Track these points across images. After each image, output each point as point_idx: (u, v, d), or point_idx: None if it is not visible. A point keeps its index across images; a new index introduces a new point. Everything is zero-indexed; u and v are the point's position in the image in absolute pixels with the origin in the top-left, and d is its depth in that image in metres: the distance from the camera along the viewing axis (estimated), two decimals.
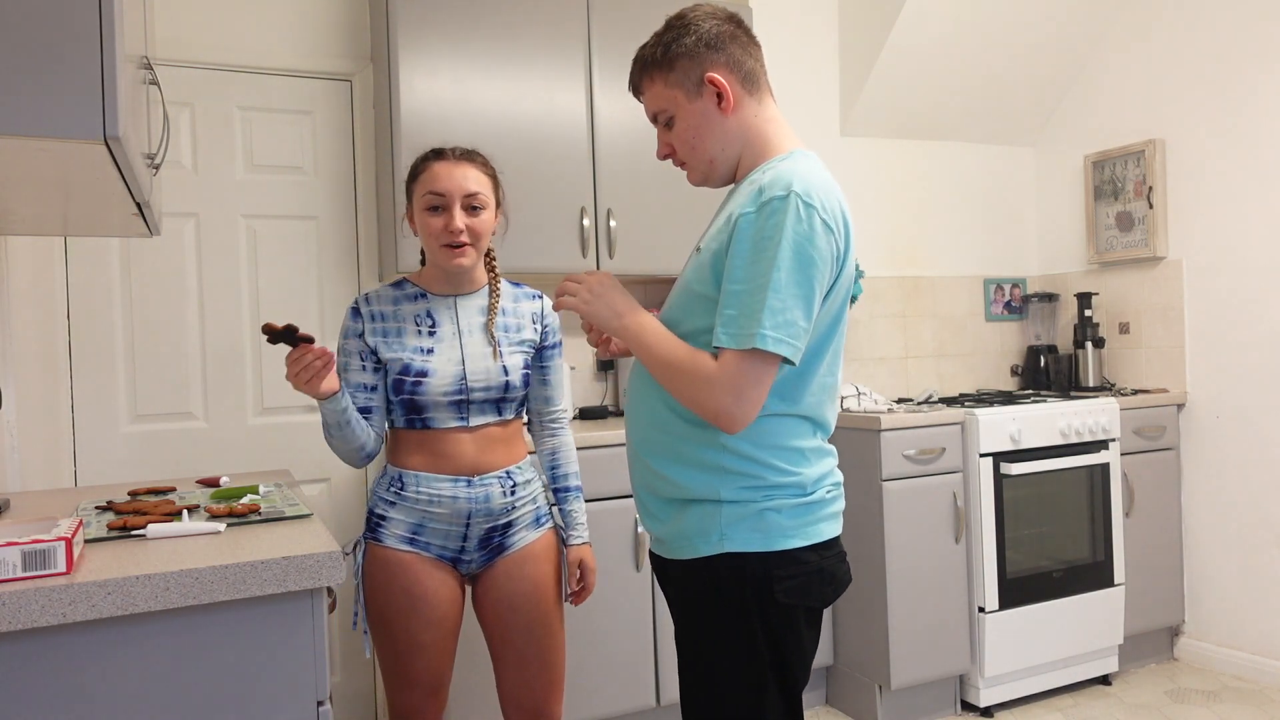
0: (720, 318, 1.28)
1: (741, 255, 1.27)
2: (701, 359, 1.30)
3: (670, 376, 1.32)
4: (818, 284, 1.28)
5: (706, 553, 1.34)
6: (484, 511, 1.76)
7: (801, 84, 3.53)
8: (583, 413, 3.09)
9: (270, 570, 1.12)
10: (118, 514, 1.45)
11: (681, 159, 1.44)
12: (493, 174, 1.83)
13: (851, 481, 2.90)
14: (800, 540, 1.34)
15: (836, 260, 1.32)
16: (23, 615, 1.01)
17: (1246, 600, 3.19)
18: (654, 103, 1.43)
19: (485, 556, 1.81)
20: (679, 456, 1.37)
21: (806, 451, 1.37)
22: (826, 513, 1.39)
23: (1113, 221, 3.60)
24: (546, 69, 2.81)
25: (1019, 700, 3.01)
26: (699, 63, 1.37)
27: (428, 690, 1.78)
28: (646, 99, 1.45)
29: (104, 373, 2.64)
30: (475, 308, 1.83)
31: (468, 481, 1.75)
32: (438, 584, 1.76)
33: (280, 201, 2.85)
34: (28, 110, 1.07)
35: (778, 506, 1.33)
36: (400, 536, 1.75)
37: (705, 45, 1.37)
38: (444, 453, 1.75)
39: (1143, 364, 3.54)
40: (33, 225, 1.82)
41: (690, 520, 1.36)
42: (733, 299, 1.27)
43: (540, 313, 1.91)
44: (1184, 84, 3.35)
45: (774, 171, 1.32)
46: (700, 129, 1.39)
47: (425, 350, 1.76)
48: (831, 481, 1.41)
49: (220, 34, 2.76)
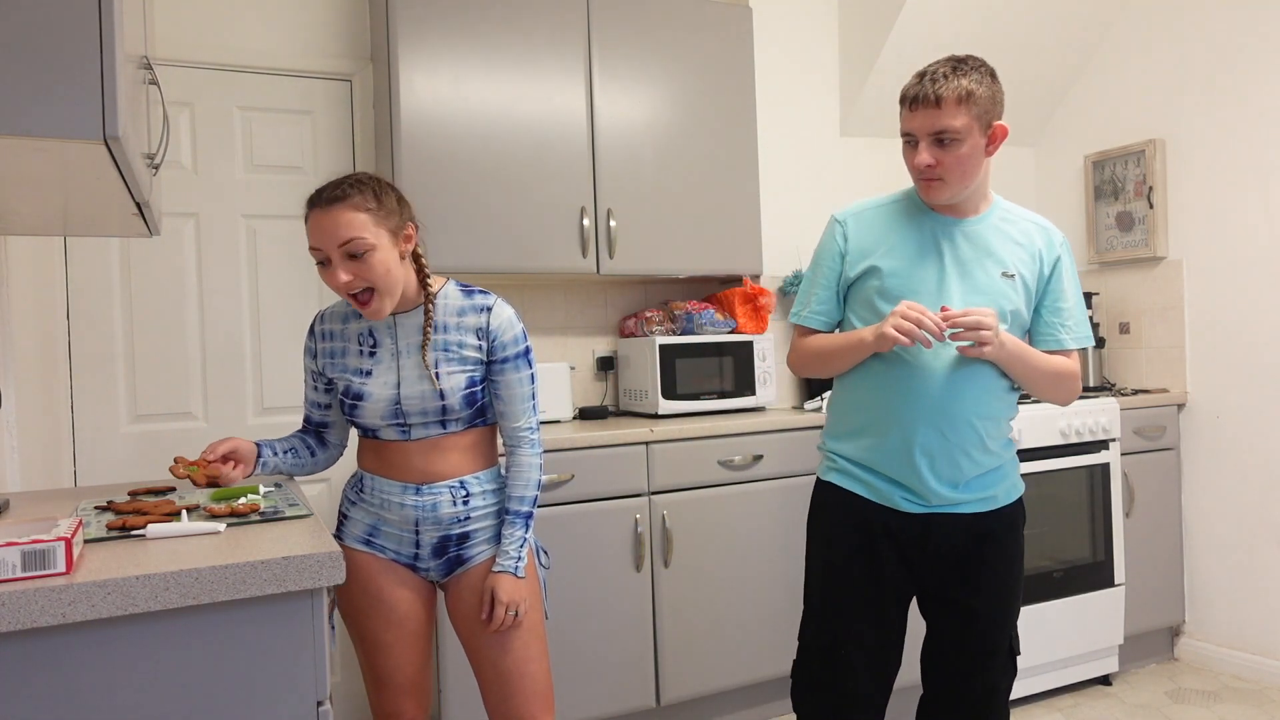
0: (1066, 329, 1.85)
1: (1073, 279, 1.88)
2: (1070, 364, 1.85)
3: (1056, 381, 1.83)
4: None
5: (1018, 496, 1.89)
6: (432, 520, 1.73)
7: (801, 84, 3.53)
8: (582, 413, 3.09)
9: (270, 570, 1.12)
10: (117, 514, 1.45)
11: (941, 174, 1.75)
12: (373, 202, 1.64)
13: None
14: None
15: None
16: (23, 615, 1.01)
17: (1246, 600, 3.19)
18: (950, 119, 1.70)
19: (443, 566, 1.76)
20: (1001, 437, 1.85)
21: None
22: None
23: (1113, 221, 3.60)
24: (546, 69, 2.81)
25: (1019, 700, 3.01)
26: (996, 112, 1.76)
27: (400, 690, 1.77)
28: (945, 113, 1.71)
29: (104, 373, 2.64)
30: (414, 326, 1.74)
31: (416, 489, 1.72)
32: (394, 585, 1.74)
33: (280, 201, 2.85)
34: (28, 110, 1.07)
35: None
36: (358, 536, 1.76)
37: (998, 103, 1.77)
38: (390, 461, 1.74)
39: (1143, 364, 3.54)
40: (33, 225, 1.82)
41: (1010, 478, 1.88)
42: (1074, 313, 1.86)
43: (486, 327, 1.73)
44: (1184, 84, 3.35)
45: (1028, 214, 1.91)
46: (973, 159, 1.75)
47: (364, 372, 1.73)
48: None
49: (220, 34, 2.76)
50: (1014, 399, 1.87)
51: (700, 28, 3.05)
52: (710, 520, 2.75)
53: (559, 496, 2.52)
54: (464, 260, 2.68)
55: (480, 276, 2.77)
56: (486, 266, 2.73)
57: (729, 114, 3.09)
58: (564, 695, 2.52)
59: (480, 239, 2.71)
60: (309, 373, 1.83)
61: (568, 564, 2.54)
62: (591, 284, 3.22)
